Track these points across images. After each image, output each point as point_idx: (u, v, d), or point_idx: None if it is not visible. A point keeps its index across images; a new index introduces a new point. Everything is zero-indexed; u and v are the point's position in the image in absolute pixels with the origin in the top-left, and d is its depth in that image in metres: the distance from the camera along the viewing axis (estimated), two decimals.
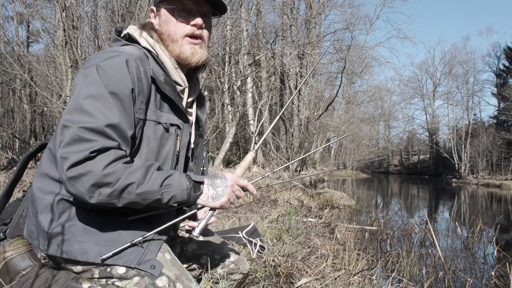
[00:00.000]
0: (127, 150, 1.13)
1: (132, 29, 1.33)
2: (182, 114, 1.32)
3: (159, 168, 1.14)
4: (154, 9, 1.34)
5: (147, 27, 1.33)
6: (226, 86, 12.68)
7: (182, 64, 1.33)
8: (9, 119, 12.48)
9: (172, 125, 1.29)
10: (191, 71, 1.42)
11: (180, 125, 1.32)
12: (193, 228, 1.35)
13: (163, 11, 1.30)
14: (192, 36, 1.29)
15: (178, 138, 1.31)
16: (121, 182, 1.05)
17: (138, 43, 1.30)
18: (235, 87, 14.04)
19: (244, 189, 1.25)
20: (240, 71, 12.28)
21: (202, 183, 1.18)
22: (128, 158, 1.11)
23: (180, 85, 1.33)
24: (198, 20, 1.29)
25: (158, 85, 1.24)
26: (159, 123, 1.25)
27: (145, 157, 1.23)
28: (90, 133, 1.05)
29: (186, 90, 1.37)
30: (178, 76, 1.32)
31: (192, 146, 1.43)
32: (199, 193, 1.17)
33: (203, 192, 1.17)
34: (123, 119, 1.12)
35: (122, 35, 1.34)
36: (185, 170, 1.43)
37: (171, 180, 1.12)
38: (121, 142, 1.11)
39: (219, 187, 1.19)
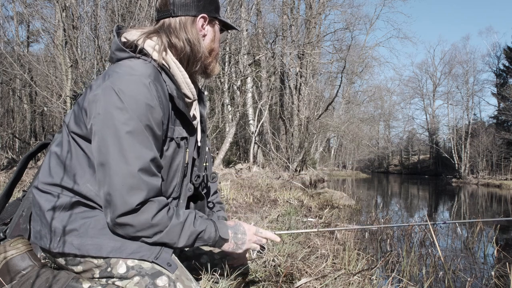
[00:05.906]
0: (162, 176, 1.22)
1: (136, 35, 1.26)
2: (189, 125, 1.33)
3: (195, 216, 1.25)
4: (207, 18, 1.34)
5: (161, 35, 1.28)
6: (226, 86, 12.67)
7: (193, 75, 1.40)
8: (9, 119, 12.47)
9: (182, 138, 1.30)
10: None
11: (187, 137, 1.32)
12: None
13: (217, 29, 1.38)
14: None
15: (187, 150, 1.32)
16: (159, 237, 1.17)
17: (146, 55, 1.24)
18: (235, 87, 14.05)
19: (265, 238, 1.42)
20: (240, 71, 12.27)
21: (227, 240, 1.32)
22: (168, 202, 1.21)
23: (189, 98, 1.33)
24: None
25: (175, 101, 1.24)
26: (172, 138, 1.26)
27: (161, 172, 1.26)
28: (133, 179, 1.10)
29: (195, 103, 1.38)
30: (189, 90, 1.32)
31: (199, 144, 1.44)
32: (222, 245, 1.33)
33: (224, 245, 1.33)
34: (157, 151, 1.18)
35: (124, 39, 1.27)
36: (191, 170, 1.44)
37: (203, 235, 1.25)
38: (159, 173, 1.18)
39: (240, 240, 1.35)
